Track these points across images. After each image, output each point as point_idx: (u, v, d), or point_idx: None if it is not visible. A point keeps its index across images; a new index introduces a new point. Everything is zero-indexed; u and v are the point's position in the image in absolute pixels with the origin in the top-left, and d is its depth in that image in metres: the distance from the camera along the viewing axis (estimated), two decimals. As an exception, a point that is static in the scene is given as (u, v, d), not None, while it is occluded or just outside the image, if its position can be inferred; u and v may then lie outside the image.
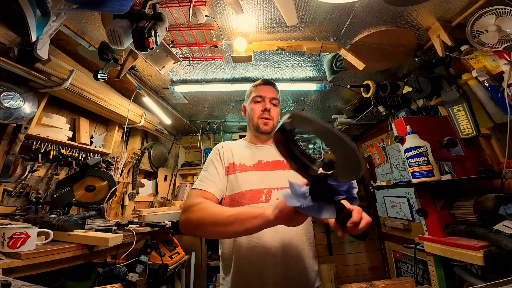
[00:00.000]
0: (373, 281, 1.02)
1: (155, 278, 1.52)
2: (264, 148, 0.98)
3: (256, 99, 0.98)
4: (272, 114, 0.96)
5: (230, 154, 0.93)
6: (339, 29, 1.39)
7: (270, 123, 0.96)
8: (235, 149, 0.96)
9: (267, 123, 0.95)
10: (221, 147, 0.96)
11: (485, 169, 1.25)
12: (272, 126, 0.97)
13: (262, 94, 0.98)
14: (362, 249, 2.87)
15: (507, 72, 1.12)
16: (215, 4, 1.19)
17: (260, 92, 0.98)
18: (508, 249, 0.81)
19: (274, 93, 1.00)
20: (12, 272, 0.81)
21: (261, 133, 0.97)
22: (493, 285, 0.46)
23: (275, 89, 1.02)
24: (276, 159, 0.93)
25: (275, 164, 0.92)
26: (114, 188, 1.68)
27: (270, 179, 0.87)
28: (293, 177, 0.50)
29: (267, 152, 0.96)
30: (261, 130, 0.96)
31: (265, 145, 1.00)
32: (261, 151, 0.96)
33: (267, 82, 1.02)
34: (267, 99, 0.97)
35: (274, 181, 0.87)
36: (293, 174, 0.47)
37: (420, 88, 1.56)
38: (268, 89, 0.99)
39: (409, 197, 2.15)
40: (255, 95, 0.99)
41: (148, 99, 2.08)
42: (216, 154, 0.94)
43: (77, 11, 1.13)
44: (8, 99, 1.32)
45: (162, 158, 3.04)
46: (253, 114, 0.98)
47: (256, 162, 0.91)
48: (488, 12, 1.11)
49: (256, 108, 0.97)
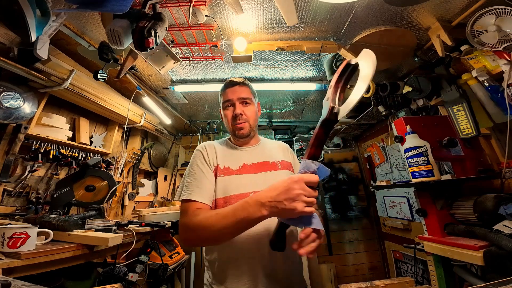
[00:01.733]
0: (373, 281, 1.02)
1: (155, 278, 1.52)
2: (248, 150, 0.95)
3: (225, 105, 0.93)
4: (245, 117, 0.91)
5: (215, 156, 0.88)
6: (339, 29, 1.39)
7: (246, 125, 0.91)
8: (220, 151, 0.91)
9: (242, 127, 0.91)
10: (204, 149, 0.89)
11: (485, 169, 1.25)
12: (249, 128, 0.92)
13: (229, 97, 0.92)
14: (362, 249, 2.87)
15: (507, 72, 1.12)
16: (215, 4, 1.19)
17: (227, 96, 0.93)
18: (508, 249, 0.81)
19: (243, 92, 0.93)
20: (12, 272, 0.81)
21: (239, 138, 0.93)
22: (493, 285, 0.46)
23: (244, 87, 0.95)
24: (261, 160, 0.91)
25: (260, 165, 0.89)
26: (114, 188, 1.68)
27: (256, 182, 0.84)
28: (279, 178, 0.55)
29: (252, 153, 0.93)
30: (238, 136, 0.92)
31: (249, 146, 0.96)
32: (246, 153, 0.93)
33: (233, 83, 0.95)
34: (236, 101, 0.91)
35: (261, 184, 0.82)
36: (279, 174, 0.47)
37: (420, 88, 1.56)
38: (236, 90, 0.93)
39: (409, 197, 2.16)
40: (223, 101, 0.94)
41: (148, 99, 2.08)
42: (200, 157, 0.87)
43: (77, 11, 1.13)
44: (8, 99, 1.31)
45: (162, 158, 3.04)
46: (227, 121, 0.94)
47: (242, 165, 0.88)
48: (488, 12, 1.11)
49: (228, 114, 0.93)
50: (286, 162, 0.94)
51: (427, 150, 1.17)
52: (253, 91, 0.98)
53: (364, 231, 2.93)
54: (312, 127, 3.24)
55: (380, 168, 2.60)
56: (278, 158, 0.93)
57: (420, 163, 1.17)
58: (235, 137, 0.95)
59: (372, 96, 1.77)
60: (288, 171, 0.92)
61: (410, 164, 1.21)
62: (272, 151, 0.96)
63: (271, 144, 1.02)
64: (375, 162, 2.68)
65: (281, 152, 0.98)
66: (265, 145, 0.99)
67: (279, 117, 2.91)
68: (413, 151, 1.19)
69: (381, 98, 1.89)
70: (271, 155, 0.93)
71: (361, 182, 3.08)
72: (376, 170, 2.67)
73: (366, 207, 2.97)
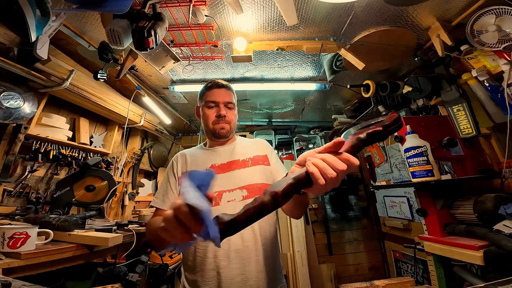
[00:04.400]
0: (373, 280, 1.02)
1: (155, 278, 1.52)
2: (219, 150, 0.95)
3: (209, 104, 0.93)
4: (228, 119, 0.93)
5: (184, 164, 0.92)
6: (339, 29, 1.39)
7: (227, 126, 0.93)
8: (190, 157, 0.94)
9: (223, 127, 0.92)
10: (176, 159, 0.95)
11: (485, 169, 1.25)
12: (229, 130, 0.94)
13: (215, 99, 0.93)
14: (362, 248, 2.87)
15: (507, 72, 1.12)
16: (215, 4, 1.19)
17: (213, 97, 0.93)
18: (508, 248, 0.81)
19: (228, 96, 0.95)
20: (12, 272, 0.81)
21: (217, 138, 0.95)
22: (493, 285, 0.46)
23: (229, 91, 0.96)
24: (231, 159, 0.91)
25: (229, 165, 0.89)
26: (114, 188, 1.68)
27: (222, 182, 0.84)
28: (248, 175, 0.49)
29: (223, 153, 0.94)
30: (217, 135, 0.93)
31: (222, 146, 0.97)
32: (216, 154, 0.94)
33: (220, 85, 0.95)
34: (221, 104, 0.92)
35: (226, 183, 0.84)
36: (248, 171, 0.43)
37: (420, 88, 1.56)
38: (222, 93, 0.94)
39: (409, 196, 2.16)
40: (207, 100, 0.94)
41: (148, 99, 2.08)
42: (170, 167, 0.93)
43: (77, 11, 1.13)
44: (8, 99, 1.32)
45: (162, 158, 3.04)
46: (207, 120, 0.94)
47: (209, 166, 0.90)
48: (488, 12, 1.11)
49: (210, 113, 0.93)
50: (259, 157, 0.93)
51: (427, 150, 1.17)
52: (235, 96, 1.00)
53: (364, 231, 2.93)
54: (312, 127, 3.24)
55: (380, 168, 2.60)
56: (250, 155, 0.93)
57: (420, 163, 1.17)
58: (214, 136, 0.95)
59: (372, 96, 1.77)
60: (260, 166, 0.90)
61: (410, 164, 1.21)
62: (245, 149, 0.96)
63: (246, 142, 1.01)
64: (375, 162, 2.68)
65: (254, 149, 0.97)
66: (238, 144, 0.99)
67: (279, 117, 2.91)
68: (413, 151, 1.19)
69: (381, 98, 1.89)
70: (243, 153, 0.93)
71: (361, 182, 3.08)
72: (376, 170, 2.67)
73: (366, 207, 2.97)
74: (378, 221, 2.77)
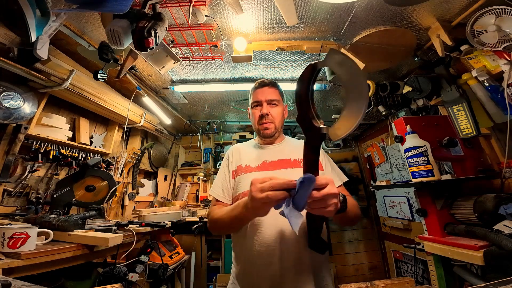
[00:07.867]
0: (373, 280, 1.02)
1: (155, 278, 1.52)
2: (270, 148, 0.99)
3: (254, 105, 0.98)
4: (271, 117, 0.95)
5: (238, 157, 0.96)
6: (339, 29, 1.39)
7: (271, 126, 0.95)
8: (244, 152, 0.99)
9: (267, 127, 0.95)
10: (230, 152, 1.00)
11: (485, 169, 1.24)
12: (274, 129, 0.96)
13: (258, 98, 0.96)
14: (362, 249, 2.88)
15: (507, 72, 1.12)
16: (215, 4, 1.19)
17: (256, 97, 0.97)
18: (508, 248, 0.81)
19: (271, 93, 0.97)
20: (12, 272, 0.81)
21: (263, 137, 0.98)
22: (493, 285, 0.46)
23: (273, 89, 0.99)
24: (281, 158, 0.93)
25: (280, 163, 0.92)
26: (114, 188, 1.68)
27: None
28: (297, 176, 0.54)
29: (273, 151, 0.96)
30: (262, 135, 0.97)
31: (271, 144, 1.01)
32: (267, 151, 0.97)
33: (262, 84, 0.99)
34: (264, 102, 0.95)
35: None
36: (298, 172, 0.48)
37: (420, 88, 1.56)
38: (265, 91, 0.97)
39: (409, 197, 2.16)
40: (252, 101, 0.99)
41: (148, 99, 2.08)
42: (226, 160, 0.99)
43: (77, 11, 1.13)
44: (8, 99, 1.32)
45: (162, 158, 3.05)
46: (254, 120, 0.99)
47: (261, 162, 0.92)
48: (488, 12, 1.11)
49: (255, 113, 0.97)
50: None
51: (427, 150, 1.17)
52: (281, 92, 1.02)
53: (364, 231, 2.93)
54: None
55: (380, 168, 2.60)
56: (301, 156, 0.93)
57: (420, 163, 1.17)
58: (260, 136, 0.99)
59: (372, 96, 1.77)
60: None
61: (410, 164, 1.21)
62: (296, 149, 0.96)
63: (295, 143, 1.04)
64: (375, 162, 2.68)
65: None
66: (288, 144, 1.01)
67: (279, 117, 2.91)
68: (413, 151, 1.19)
69: (381, 98, 1.89)
70: (293, 153, 0.94)
71: (361, 182, 3.08)
72: (376, 170, 2.67)
73: (366, 207, 2.97)
74: (378, 221, 2.77)
